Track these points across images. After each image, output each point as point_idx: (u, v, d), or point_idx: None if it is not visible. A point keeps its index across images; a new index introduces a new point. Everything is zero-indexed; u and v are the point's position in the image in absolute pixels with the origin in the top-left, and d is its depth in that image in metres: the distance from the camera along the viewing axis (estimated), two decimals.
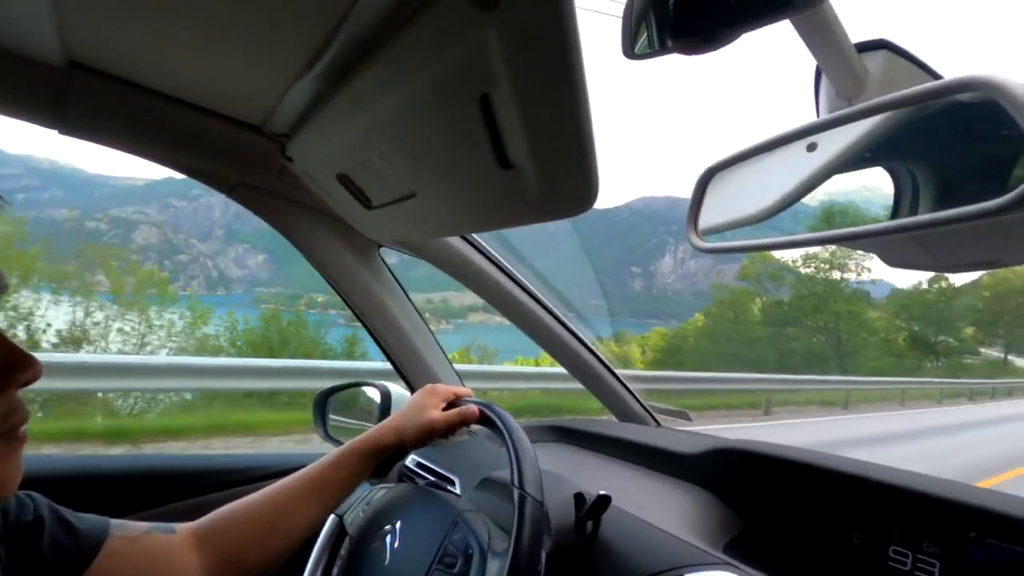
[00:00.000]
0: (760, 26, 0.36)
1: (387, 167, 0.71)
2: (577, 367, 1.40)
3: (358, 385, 1.28)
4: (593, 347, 1.38)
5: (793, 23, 0.43)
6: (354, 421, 1.25)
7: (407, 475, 1.20)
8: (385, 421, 0.80)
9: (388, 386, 1.22)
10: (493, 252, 1.16)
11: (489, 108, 0.50)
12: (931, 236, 0.55)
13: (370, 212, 0.86)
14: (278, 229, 1.05)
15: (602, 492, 0.78)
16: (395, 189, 0.75)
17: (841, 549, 0.85)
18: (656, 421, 1.51)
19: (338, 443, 0.99)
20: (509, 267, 1.19)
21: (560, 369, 1.43)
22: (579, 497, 0.82)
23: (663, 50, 0.42)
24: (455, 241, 1.12)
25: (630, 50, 0.44)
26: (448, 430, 0.78)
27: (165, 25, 0.57)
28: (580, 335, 1.34)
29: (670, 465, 1.07)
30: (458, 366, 1.34)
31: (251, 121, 0.82)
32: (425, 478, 1.13)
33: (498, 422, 0.74)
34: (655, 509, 0.90)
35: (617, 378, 1.45)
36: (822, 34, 0.42)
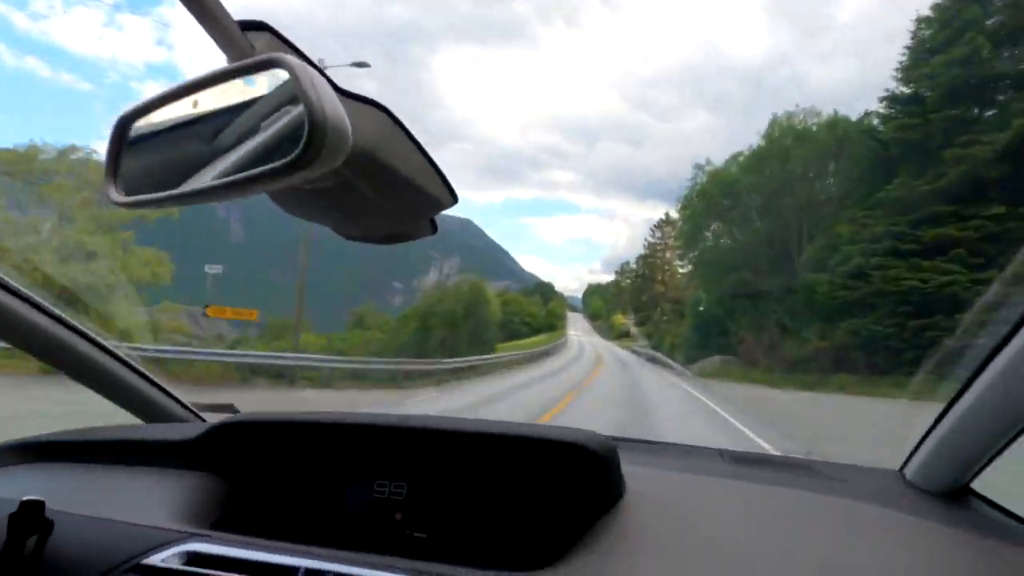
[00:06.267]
0: None
1: None
2: (83, 371, 1.17)
3: None
4: (104, 343, 1.18)
5: None
6: None
7: None
8: None
9: None
10: None
11: None
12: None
13: None
14: None
15: (26, 498, 0.69)
16: None
17: (335, 495, 0.96)
18: (200, 418, 1.41)
19: None
20: None
21: None
22: (13, 518, 0.70)
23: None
24: None
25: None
26: None
27: None
28: (81, 329, 1.13)
29: (165, 456, 1.02)
30: None
31: None
32: None
33: None
34: (130, 506, 0.85)
35: (145, 377, 1.28)
36: (201, 6, 0.48)
